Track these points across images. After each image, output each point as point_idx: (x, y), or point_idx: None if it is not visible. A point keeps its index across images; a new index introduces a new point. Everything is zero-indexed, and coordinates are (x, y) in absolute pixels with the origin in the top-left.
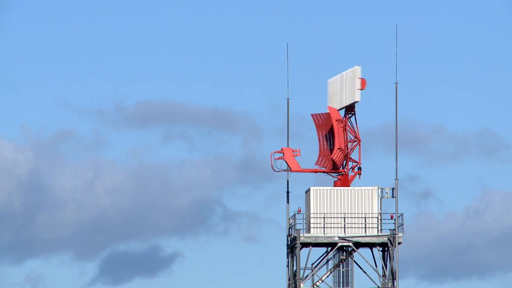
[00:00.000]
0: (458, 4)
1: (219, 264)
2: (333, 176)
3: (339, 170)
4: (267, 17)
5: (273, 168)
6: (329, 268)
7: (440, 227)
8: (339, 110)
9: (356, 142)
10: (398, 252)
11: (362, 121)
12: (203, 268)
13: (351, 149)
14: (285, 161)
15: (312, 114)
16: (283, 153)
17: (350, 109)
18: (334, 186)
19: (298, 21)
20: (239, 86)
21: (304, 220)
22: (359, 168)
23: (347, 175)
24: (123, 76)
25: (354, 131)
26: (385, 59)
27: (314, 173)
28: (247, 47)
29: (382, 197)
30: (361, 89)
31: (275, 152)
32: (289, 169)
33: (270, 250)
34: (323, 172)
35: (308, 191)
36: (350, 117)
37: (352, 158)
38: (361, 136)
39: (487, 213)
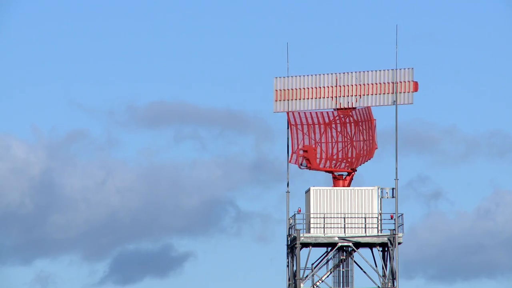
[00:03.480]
0: (462, 4)
1: (229, 264)
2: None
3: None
4: (277, 17)
5: (299, 166)
6: (329, 268)
7: (451, 227)
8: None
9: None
10: (398, 252)
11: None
12: (212, 267)
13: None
14: (307, 158)
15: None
16: (307, 150)
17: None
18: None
19: (299, 21)
20: (250, 87)
21: (304, 220)
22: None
23: (341, 176)
24: (134, 76)
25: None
26: (385, 59)
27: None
28: (258, 48)
29: (382, 197)
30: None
31: (300, 149)
32: (309, 167)
33: (280, 250)
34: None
35: (308, 191)
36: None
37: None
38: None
39: (498, 213)
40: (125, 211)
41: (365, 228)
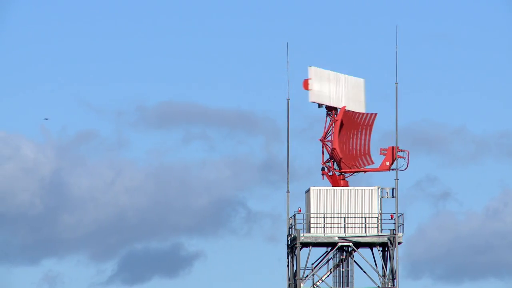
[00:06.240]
0: (469, 4)
1: (237, 264)
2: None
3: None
4: (281, 17)
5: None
6: (329, 268)
7: (459, 227)
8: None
9: None
10: (398, 252)
11: (380, 122)
12: (219, 267)
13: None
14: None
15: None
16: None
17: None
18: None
19: (300, 21)
20: (260, 88)
21: (304, 220)
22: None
23: (335, 175)
24: (143, 77)
25: None
26: (386, 59)
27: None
28: (267, 49)
29: (382, 197)
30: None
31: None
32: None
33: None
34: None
35: (308, 191)
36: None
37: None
38: (378, 137)
39: (507, 214)
40: (134, 211)
41: (365, 228)
